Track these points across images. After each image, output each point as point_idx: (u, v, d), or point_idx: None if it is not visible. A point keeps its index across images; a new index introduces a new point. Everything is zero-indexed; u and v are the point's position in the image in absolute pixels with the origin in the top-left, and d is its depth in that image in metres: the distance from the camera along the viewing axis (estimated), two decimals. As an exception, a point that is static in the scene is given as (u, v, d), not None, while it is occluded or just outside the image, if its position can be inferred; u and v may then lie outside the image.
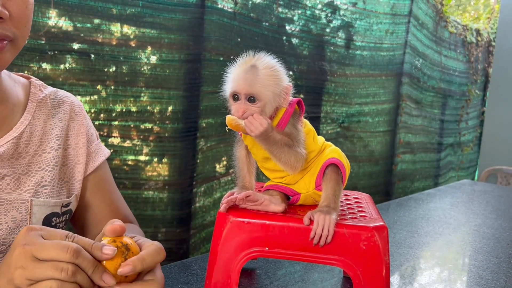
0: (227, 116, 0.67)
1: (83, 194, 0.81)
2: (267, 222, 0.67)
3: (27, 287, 0.48)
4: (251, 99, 0.67)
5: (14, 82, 0.76)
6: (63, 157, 0.77)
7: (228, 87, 0.69)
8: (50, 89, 0.80)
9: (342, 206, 0.77)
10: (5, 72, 0.74)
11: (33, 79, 0.79)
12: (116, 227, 0.55)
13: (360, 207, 0.78)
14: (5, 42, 0.62)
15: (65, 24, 1.51)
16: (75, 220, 0.82)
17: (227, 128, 0.68)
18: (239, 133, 0.74)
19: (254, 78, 0.66)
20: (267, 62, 0.68)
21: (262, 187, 0.79)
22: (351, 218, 0.71)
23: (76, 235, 0.52)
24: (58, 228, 0.74)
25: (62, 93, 0.81)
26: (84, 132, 0.80)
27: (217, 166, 2.07)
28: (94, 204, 0.81)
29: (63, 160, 0.77)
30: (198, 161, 1.95)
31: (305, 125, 0.73)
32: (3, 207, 0.68)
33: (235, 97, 0.68)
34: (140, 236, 0.61)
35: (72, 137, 0.79)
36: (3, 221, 0.68)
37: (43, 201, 0.71)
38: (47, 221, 0.72)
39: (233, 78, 0.68)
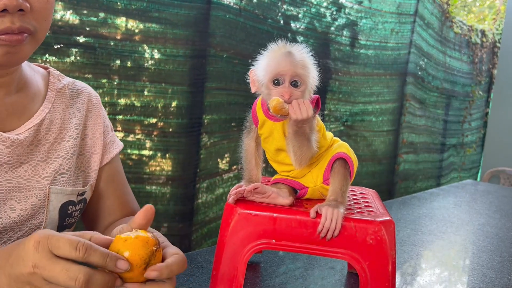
0: (274, 97, 0.65)
1: (97, 185, 0.81)
2: (275, 214, 0.67)
3: None
4: (294, 83, 0.66)
5: (34, 71, 0.77)
6: (80, 146, 0.78)
7: (269, 71, 0.67)
8: (67, 79, 0.81)
9: (349, 201, 0.77)
10: (25, 62, 0.74)
11: (51, 69, 0.80)
12: (147, 209, 0.54)
13: (367, 202, 0.78)
14: (25, 35, 0.62)
15: (71, 17, 1.52)
16: (85, 210, 0.82)
17: (271, 111, 0.66)
18: (254, 124, 0.73)
19: (296, 61, 0.66)
20: (301, 49, 0.68)
21: (269, 181, 0.79)
22: (358, 212, 0.71)
23: (87, 244, 0.49)
24: (74, 216, 0.75)
25: (80, 83, 0.82)
26: (100, 123, 0.81)
27: (220, 162, 2.08)
28: (106, 195, 0.82)
29: (80, 149, 0.78)
30: (201, 156, 1.95)
31: (318, 122, 0.73)
32: (22, 194, 0.69)
33: (276, 81, 0.66)
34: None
35: (89, 127, 0.80)
36: (23, 207, 0.69)
37: (60, 189, 0.72)
38: (64, 209, 0.73)
39: (273, 62, 0.66)
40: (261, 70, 0.68)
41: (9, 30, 0.59)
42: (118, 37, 1.63)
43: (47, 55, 1.48)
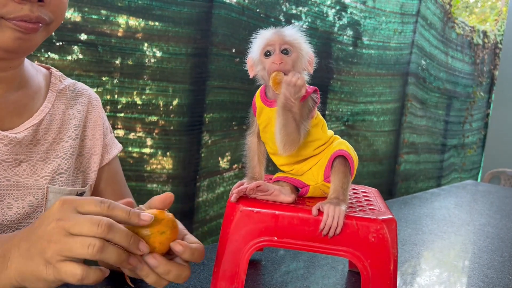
0: (274, 71, 0.67)
1: (97, 185, 0.82)
2: (277, 212, 0.67)
3: (57, 262, 0.49)
4: (284, 51, 0.68)
5: (36, 71, 0.77)
6: (80, 147, 0.79)
7: (259, 45, 0.69)
8: (69, 80, 0.81)
9: (350, 199, 0.77)
10: (27, 61, 0.75)
11: (53, 69, 0.81)
12: (167, 196, 0.56)
13: (369, 200, 0.78)
14: (40, 25, 0.63)
15: (73, 14, 1.52)
16: None
17: (271, 83, 0.67)
18: (253, 113, 0.73)
19: (285, 33, 0.69)
20: (292, 27, 0.71)
21: (271, 179, 0.79)
22: (360, 210, 0.71)
23: (110, 201, 0.52)
24: None
25: (81, 85, 0.83)
26: (100, 124, 0.82)
27: (221, 160, 2.08)
28: (106, 195, 0.83)
29: (79, 150, 0.79)
30: (202, 155, 1.96)
31: (316, 116, 0.73)
32: (20, 192, 0.69)
33: (268, 53, 0.68)
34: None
35: (89, 128, 0.81)
36: (20, 205, 0.69)
37: (59, 189, 0.73)
38: None
39: (264, 37, 0.69)
40: (254, 50, 0.70)
41: (26, 18, 0.61)
42: (120, 35, 1.64)
43: (49, 53, 1.49)
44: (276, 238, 0.67)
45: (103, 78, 1.62)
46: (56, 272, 0.49)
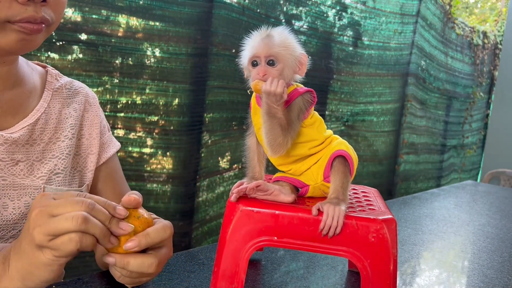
0: (254, 80, 0.68)
1: (95, 185, 0.82)
2: (277, 212, 0.67)
3: (48, 243, 0.49)
4: (270, 62, 0.68)
5: (32, 69, 0.77)
6: (77, 146, 0.78)
7: (247, 54, 0.70)
8: (65, 78, 0.81)
9: (350, 199, 0.77)
10: (22, 59, 0.75)
11: (50, 68, 0.80)
12: (131, 198, 0.56)
13: (368, 200, 0.78)
14: (43, 25, 0.63)
15: (73, 14, 1.52)
16: None
17: (249, 91, 0.69)
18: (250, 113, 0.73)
19: (272, 42, 0.68)
20: (281, 30, 0.71)
21: (271, 179, 0.79)
22: (360, 210, 0.71)
23: (87, 193, 0.54)
24: None
25: (77, 83, 0.82)
26: (97, 123, 0.81)
27: (221, 160, 2.08)
28: (105, 194, 0.82)
29: (76, 149, 0.78)
30: (202, 155, 1.96)
31: (312, 115, 0.73)
32: (16, 192, 0.69)
33: (254, 62, 0.69)
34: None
35: (86, 127, 0.80)
36: (16, 206, 0.69)
37: (55, 189, 0.72)
38: None
39: (251, 45, 0.69)
40: (243, 56, 0.71)
41: (32, 19, 0.61)
42: (120, 35, 1.64)
43: (49, 52, 1.49)
44: (276, 238, 0.67)
45: (103, 78, 1.62)
46: (54, 250, 0.50)
